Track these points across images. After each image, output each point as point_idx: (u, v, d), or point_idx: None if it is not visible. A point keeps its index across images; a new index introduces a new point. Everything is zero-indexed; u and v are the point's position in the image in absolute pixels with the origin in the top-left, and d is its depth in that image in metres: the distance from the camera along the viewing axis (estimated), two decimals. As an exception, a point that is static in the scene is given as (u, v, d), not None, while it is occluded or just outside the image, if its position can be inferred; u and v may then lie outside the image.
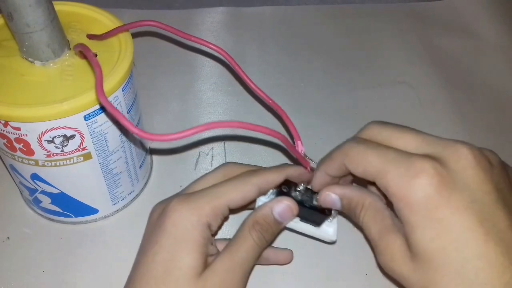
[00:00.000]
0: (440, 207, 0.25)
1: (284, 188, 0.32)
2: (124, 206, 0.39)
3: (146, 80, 0.49)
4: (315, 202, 0.32)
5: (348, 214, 0.31)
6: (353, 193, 0.30)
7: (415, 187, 0.25)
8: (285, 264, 0.36)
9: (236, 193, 0.30)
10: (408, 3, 0.61)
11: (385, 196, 0.28)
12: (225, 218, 0.30)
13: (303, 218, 0.32)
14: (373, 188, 0.32)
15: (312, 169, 0.32)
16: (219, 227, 0.31)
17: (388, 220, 0.28)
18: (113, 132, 0.32)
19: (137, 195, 0.40)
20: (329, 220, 0.32)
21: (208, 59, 0.52)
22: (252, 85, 0.33)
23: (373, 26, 0.57)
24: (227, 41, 0.54)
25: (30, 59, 0.31)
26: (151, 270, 0.27)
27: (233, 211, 0.31)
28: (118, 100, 0.31)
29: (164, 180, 0.41)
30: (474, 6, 0.61)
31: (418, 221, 0.25)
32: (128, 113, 0.33)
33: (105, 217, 0.38)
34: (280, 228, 0.31)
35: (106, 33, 0.32)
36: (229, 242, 0.30)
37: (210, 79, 0.50)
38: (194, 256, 0.27)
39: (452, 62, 0.54)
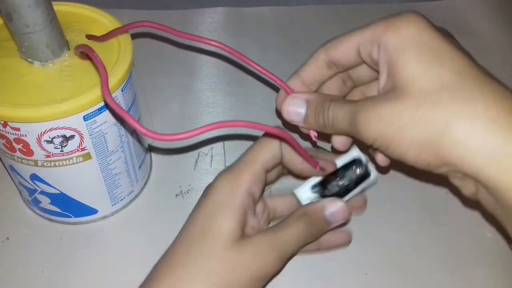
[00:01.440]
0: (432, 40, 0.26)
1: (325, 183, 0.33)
2: (124, 207, 0.39)
3: (146, 80, 0.49)
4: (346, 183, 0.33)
5: (316, 121, 0.30)
6: (318, 94, 0.31)
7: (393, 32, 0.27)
8: (346, 245, 0.36)
9: (267, 153, 0.30)
10: (408, 3, 0.61)
11: None
12: (265, 184, 0.31)
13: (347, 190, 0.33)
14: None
15: (322, 169, 0.32)
16: (261, 194, 0.31)
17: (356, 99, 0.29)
18: (112, 132, 0.32)
19: (137, 196, 0.40)
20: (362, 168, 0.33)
21: (208, 59, 0.52)
22: (262, 69, 0.33)
23: (372, 26, 0.57)
24: (227, 41, 0.54)
25: (29, 59, 0.31)
26: (190, 230, 0.29)
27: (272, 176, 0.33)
28: (117, 100, 0.31)
29: (163, 181, 0.41)
30: (474, 6, 0.61)
31: (405, 51, 0.26)
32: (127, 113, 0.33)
33: (104, 217, 0.38)
34: (327, 228, 0.31)
35: (105, 35, 0.32)
36: (274, 225, 0.30)
37: (209, 79, 0.50)
38: (231, 220, 0.28)
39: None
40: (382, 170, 0.33)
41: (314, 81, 0.33)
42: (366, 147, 0.30)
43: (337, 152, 0.34)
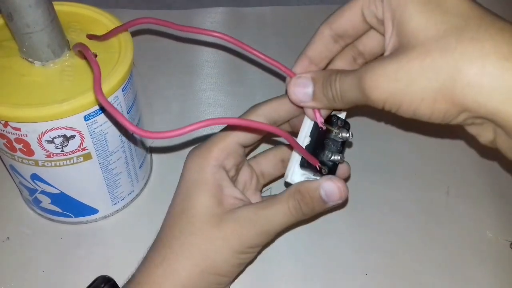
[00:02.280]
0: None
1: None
2: (124, 206, 0.39)
3: (146, 80, 0.49)
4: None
5: (325, 95, 0.29)
6: (323, 70, 0.30)
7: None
8: (345, 178, 0.34)
9: (264, 128, 0.29)
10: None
11: None
12: (242, 156, 0.31)
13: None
14: None
15: (321, 171, 0.31)
16: (238, 166, 0.31)
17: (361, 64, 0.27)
18: (113, 132, 0.32)
19: (137, 195, 0.40)
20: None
21: (208, 59, 0.52)
22: (263, 56, 0.33)
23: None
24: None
25: (30, 59, 0.31)
26: (171, 212, 0.30)
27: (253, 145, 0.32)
28: (118, 100, 0.31)
29: (164, 180, 0.41)
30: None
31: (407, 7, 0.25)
32: (128, 113, 0.33)
33: (105, 217, 0.38)
34: (323, 207, 0.30)
35: (105, 34, 0.32)
36: (265, 199, 0.30)
37: (210, 79, 0.50)
38: (205, 196, 0.29)
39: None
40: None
41: (322, 58, 0.32)
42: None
43: None
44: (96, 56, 0.32)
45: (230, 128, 0.31)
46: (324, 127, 0.31)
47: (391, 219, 0.39)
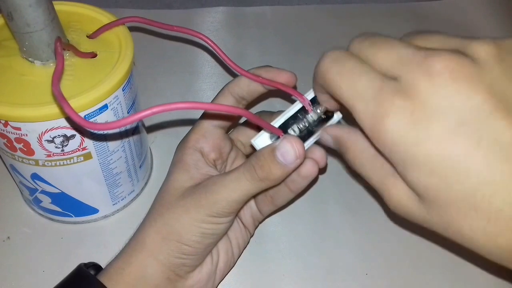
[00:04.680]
0: (421, 143, 0.21)
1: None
2: (125, 206, 0.39)
3: (146, 80, 0.49)
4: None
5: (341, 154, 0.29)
6: (341, 134, 0.28)
7: (387, 128, 0.22)
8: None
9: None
10: (408, 3, 0.61)
11: None
12: (222, 136, 0.33)
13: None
14: None
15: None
16: (219, 146, 0.33)
17: (386, 165, 0.25)
18: (113, 132, 0.32)
19: (137, 195, 0.40)
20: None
21: (209, 59, 0.52)
22: (237, 68, 0.33)
23: (373, 26, 0.57)
24: (227, 41, 0.54)
25: (30, 59, 0.31)
26: (160, 189, 0.33)
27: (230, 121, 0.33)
28: (118, 99, 0.31)
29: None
30: (474, 6, 0.61)
31: (404, 161, 0.22)
32: (128, 113, 0.33)
33: (105, 217, 0.38)
34: (281, 170, 0.28)
35: (94, 32, 0.33)
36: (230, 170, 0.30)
37: (210, 79, 0.50)
38: (180, 173, 0.31)
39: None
40: (320, 170, 0.31)
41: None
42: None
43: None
44: (96, 55, 0.32)
45: (204, 113, 0.33)
46: (311, 111, 0.30)
47: (391, 219, 0.39)
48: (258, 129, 0.32)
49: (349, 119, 0.25)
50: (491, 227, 0.21)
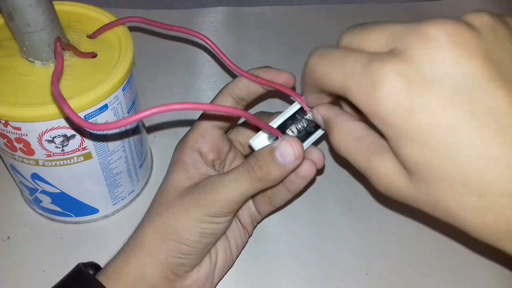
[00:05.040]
0: (416, 112, 0.20)
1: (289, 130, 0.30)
2: (125, 206, 0.39)
3: (146, 80, 0.49)
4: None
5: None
6: (330, 114, 0.27)
7: (380, 99, 0.21)
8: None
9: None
10: (408, 2, 0.61)
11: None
12: (220, 137, 0.33)
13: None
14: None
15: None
16: (218, 146, 0.33)
17: (373, 144, 0.24)
18: (113, 131, 0.32)
19: (138, 195, 0.40)
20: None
21: (209, 59, 0.52)
22: (236, 68, 0.33)
23: (373, 26, 0.57)
24: (227, 41, 0.54)
25: (30, 59, 0.31)
26: (158, 188, 0.33)
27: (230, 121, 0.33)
28: (118, 100, 0.31)
29: (164, 180, 0.41)
30: (474, 6, 0.60)
31: (398, 134, 0.21)
32: (128, 113, 0.33)
33: (105, 216, 0.38)
34: (280, 170, 0.28)
35: (94, 32, 0.33)
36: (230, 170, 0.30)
37: (210, 79, 0.50)
38: (178, 173, 0.32)
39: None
40: (318, 171, 0.31)
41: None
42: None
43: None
44: (96, 55, 0.32)
45: (203, 114, 0.34)
46: (309, 112, 0.30)
47: (391, 219, 0.39)
48: (257, 129, 0.32)
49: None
50: (480, 203, 0.20)
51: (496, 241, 0.22)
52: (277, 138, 0.29)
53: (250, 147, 0.30)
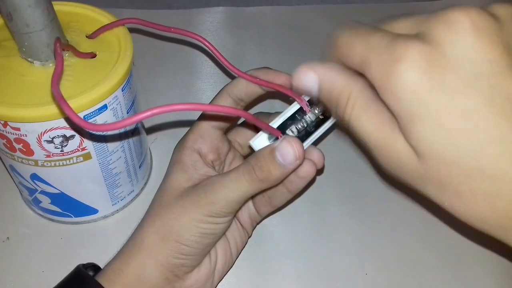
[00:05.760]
0: (434, 92, 0.20)
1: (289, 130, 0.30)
2: (124, 206, 0.39)
3: (146, 80, 0.49)
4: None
5: (329, 106, 0.26)
6: (337, 77, 0.25)
7: (398, 74, 0.21)
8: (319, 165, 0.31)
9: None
10: (408, 3, 0.61)
11: None
12: (220, 137, 0.33)
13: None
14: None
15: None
16: (217, 146, 0.33)
17: (385, 113, 0.23)
18: (112, 132, 0.32)
19: (137, 195, 0.40)
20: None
21: (208, 59, 0.52)
22: (234, 69, 0.33)
23: (373, 26, 0.57)
24: (227, 41, 0.54)
25: (29, 59, 0.31)
26: (158, 189, 0.33)
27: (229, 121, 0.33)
28: (117, 100, 0.31)
29: (164, 180, 0.41)
30: (474, 6, 0.60)
31: (411, 113, 0.21)
32: (127, 113, 0.33)
33: (105, 217, 0.38)
34: (280, 171, 0.28)
35: (93, 33, 0.33)
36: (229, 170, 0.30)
37: (209, 79, 0.50)
38: (178, 173, 0.32)
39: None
40: (318, 171, 0.31)
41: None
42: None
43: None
44: (95, 55, 0.32)
45: (203, 114, 0.33)
46: (309, 111, 0.30)
47: (391, 218, 0.39)
48: (256, 130, 0.32)
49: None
50: (492, 189, 0.20)
51: (501, 231, 0.22)
52: (277, 138, 0.29)
53: (250, 147, 0.30)
